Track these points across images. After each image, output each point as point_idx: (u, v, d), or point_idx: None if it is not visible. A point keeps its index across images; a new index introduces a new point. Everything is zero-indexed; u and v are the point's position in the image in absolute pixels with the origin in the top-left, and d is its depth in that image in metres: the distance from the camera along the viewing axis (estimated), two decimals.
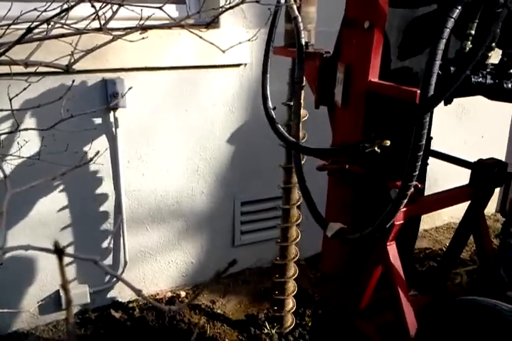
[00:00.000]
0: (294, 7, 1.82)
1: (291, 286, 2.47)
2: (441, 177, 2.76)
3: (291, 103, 1.96)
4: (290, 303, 2.50)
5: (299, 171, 1.89)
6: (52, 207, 2.34)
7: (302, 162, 2.09)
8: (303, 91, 1.90)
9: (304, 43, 1.79)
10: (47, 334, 2.40)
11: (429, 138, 1.91)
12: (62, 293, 2.43)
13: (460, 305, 1.33)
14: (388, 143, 1.24)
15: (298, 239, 2.39)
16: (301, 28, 1.79)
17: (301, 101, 1.93)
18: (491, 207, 3.92)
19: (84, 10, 1.32)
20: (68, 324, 0.47)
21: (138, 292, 0.60)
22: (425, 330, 1.43)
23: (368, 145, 1.27)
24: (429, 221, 3.55)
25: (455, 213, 3.63)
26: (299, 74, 1.83)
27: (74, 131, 2.08)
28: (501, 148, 3.61)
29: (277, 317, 2.51)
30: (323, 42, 1.88)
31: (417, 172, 1.36)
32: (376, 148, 1.24)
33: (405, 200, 1.42)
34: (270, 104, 1.87)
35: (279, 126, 1.80)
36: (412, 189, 1.52)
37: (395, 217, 1.45)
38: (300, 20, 1.80)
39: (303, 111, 2.02)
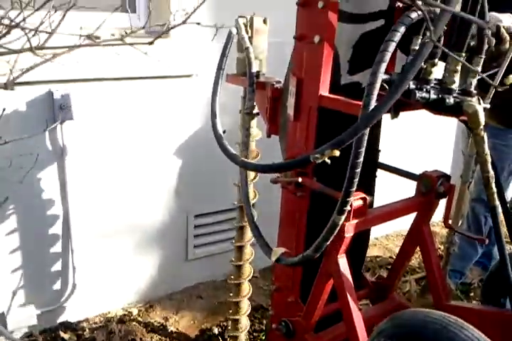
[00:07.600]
0: (246, 38, 1.83)
1: (245, 305, 2.43)
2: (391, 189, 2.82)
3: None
4: (244, 322, 2.47)
5: (246, 197, 1.89)
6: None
7: (254, 181, 2.08)
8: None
9: (255, 73, 1.81)
10: None
11: (377, 151, 1.95)
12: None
13: (396, 319, 1.38)
14: (337, 153, 1.24)
15: (252, 258, 2.37)
16: (253, 58, 1.81)
17: (250, 130, 1.95)
18: (441, 215, 4.02)
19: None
20: None
21: None
22: None
23: (318, 156, 1.28)
24: (379, 229, 3.60)
25: (405, 221, 3.70)
26: (249, 104, 1.85)
27: (18, 146, 2.00)
28: (447, 160, 3.75)
29: (231, 336, 2.45)
30: (275, 53, 1.91)
31: (355, 189, 1.37)
32: (327, 159, 1.24)
33: (343, 217, 1.43)
34: (219, 125, 1.89)
35: (227, 144, 1.79)
36: (360, 203, 1.53)
37: (334, 235, 1.45)
38: (251, 50, 1.82)
39: (257, 132, 2.03)
